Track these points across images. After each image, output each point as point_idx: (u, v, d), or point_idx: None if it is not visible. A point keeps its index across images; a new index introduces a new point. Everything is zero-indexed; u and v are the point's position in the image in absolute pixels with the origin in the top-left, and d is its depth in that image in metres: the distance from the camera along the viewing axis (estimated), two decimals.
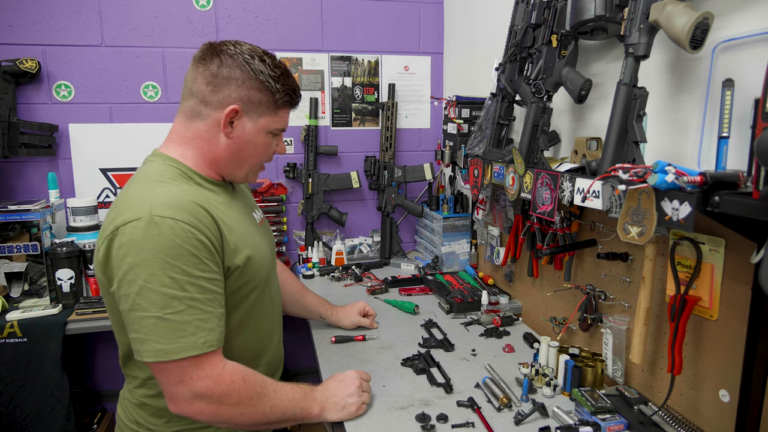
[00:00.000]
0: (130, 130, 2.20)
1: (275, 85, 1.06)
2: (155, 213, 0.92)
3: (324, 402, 1.11)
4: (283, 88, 1.08)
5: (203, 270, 0.95)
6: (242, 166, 1.12)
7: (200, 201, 1.00)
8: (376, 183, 2.45)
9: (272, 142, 1.13)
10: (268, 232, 1.29)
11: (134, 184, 1.03)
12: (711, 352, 1.02)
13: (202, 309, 0.95)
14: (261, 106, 1.07)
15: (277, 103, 1.08)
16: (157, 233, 0.91)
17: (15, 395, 1.74)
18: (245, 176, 1.15)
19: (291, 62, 2.34)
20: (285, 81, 1.08)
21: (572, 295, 1.47)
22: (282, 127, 1.13)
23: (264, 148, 1.12)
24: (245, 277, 1.07)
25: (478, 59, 2.10)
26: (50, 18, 2.06)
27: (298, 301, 1.58)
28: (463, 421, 1.12)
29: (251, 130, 1.08)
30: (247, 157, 1.11)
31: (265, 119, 1.08)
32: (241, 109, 1.05)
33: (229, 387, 0.97)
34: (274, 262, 1.28)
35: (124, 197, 0.99)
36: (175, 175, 1.05)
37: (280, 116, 1.11)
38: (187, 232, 0.93)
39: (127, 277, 0.91)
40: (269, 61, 1.07)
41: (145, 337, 0.92)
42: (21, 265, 1.89)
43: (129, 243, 0.91)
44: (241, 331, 1.11)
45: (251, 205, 1.29)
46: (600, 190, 0.99)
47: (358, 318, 1.62)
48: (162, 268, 0.91)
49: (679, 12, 0.92)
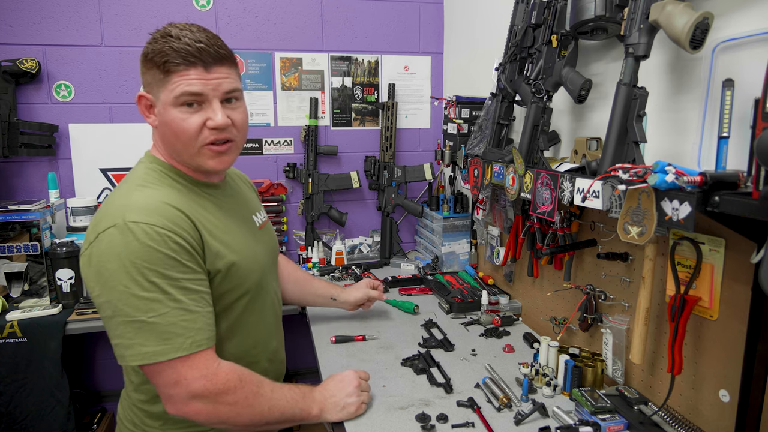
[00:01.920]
0: (130, 130, 2.20)
1: (154, 57, 0.96)
2: (129, 219, 0.92)
3: (323, 402, 1.11)
4: (158, 51, 0.95)
5: (184, 271, 0.95)
6: (177, 151, 1.03)
7: (179, 205, 0.99)
8: (376, 183, 2.45)
9: (188, 116, 0.98)
10: (267, 236, 1.26)
11: (119, 188, 1.03)
12: (711, 352, 1.02)
13: (188, 309, 0.94)
14: (155, 83, 0.98)
15: (163, 70, 0.96)
16: (133, 239, 0.90)
17: (15, 395, 1.73)
18: (193, 162, 1.03)
19: (291, 62, 2.34)
20: (159, 44, 0.96)
21: (572, 295, 1.47)
22: (183, 92, 0.96)
23: (179, 125, 0.98)
24: (230, 283, 1.05)
25: (478, 59, 2.10)
26: (50, 18, 2.06)
27: (305, 288, 1.58)
28: (463, 421, 1.12)
29: (161, 111, 1.00)
30: (173, 141, 1.01)
31: (163, 93, 0.98)
32: (149, 94, 1.01)
33: (224, 386, 0.96)
34: (271, 268, 1.24)
35: (107, 202, 0.99)
36: (158, 177, 1.04)
37: (174, 82, 0.96)
38: (163, 236, 0.92)
39: (108, 284, 0.91)
40: (155, 35, 0.99)
41: (131, 342, 0.91)
42: (21, 265, 1.89)
43: (107, 250, 0.91)
44: (231, 337, 1.09)
45: (251, 208, 1.25)
46: (600, 190, 0.99)
47: (366, 290, 1.64)
48: (141, 273, 0.90)
49: (679, 12, 0.92)
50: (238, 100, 1.05)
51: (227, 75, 1.01)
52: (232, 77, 1.02)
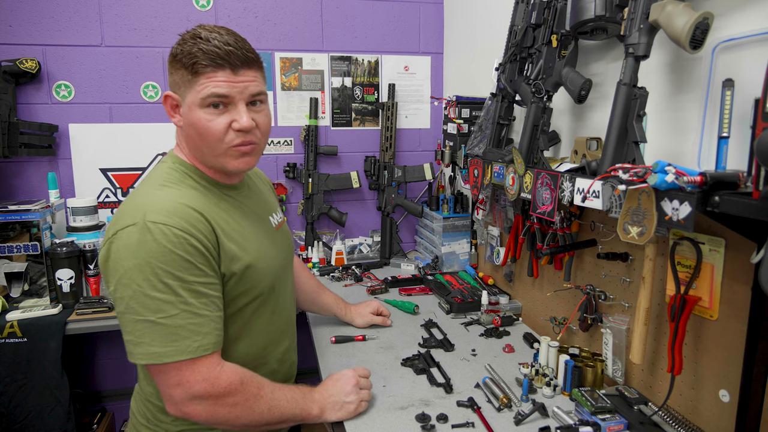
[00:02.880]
0: (130, 130, 2.20)
1: (182, 58, 0.98)
2: (148, 219, 0.93)
3: (322, 402, 1.11)
4: (188, 53, 0.97)
5: (197, 275, 0.96)
6: (203, 153, 1.04)
7: (198, 206, 0.99)
8: (376, 183, 2.45)
9: (214, 117, 1.00)
10: (284, 237, 1.26)
11: (141, 186, 1.05)
12: (711, 352, 1.02)
13: (197, 313, 0.95)
14: (183, 84, 1.00)
15: (191, 72, 0.98)
16: (151, 239, 0.91)
17: (15, 395, 1.73)
18: (218, 163, 1.05)
19: (291, 62, 2.34)
20: (189, 45, 0.98)
21: (572, 295, 1.47)
22: (211, 94, 0.98)
23: (204, 126, 1.00)
24: (244, 285, 1.06)
25: (478, 59, 2.10)
26: (50, 18, 2.06)
27: (314, 299, 1.59)
28: (463, 421, 1.12)
29: (187, 112, 1.01)
30: (198, 142, 1.02)
31: (190, 94, 0.99)
32: (176, 94, 1.02)
33: (225, 389, 0.97)
34: (288, 269, 1.25)
35: (128, 200, 1.01)
36: (180, 177, 1.05)
37: (202, 83, 0.98)
38: (180, 238, 0.93)
39: (122, 281, 0.92)
40: (187, 34, 1.00)
41: (139, 340, 0.92)
42: (21, 265, 1.89)
43: (125, 247, 0.92)
44: (241, 339, 1.10)
45: (269, 209, 1.25)
46: (600, 190, 0.99)
47: (370, 317, 1.62)
48: (155, 273, 0.91)
49: (679, 12, 0.92)
50: (262, 103, 1.06)
51: (254, 78, 1.02)
52: (258, 80, 1.04)
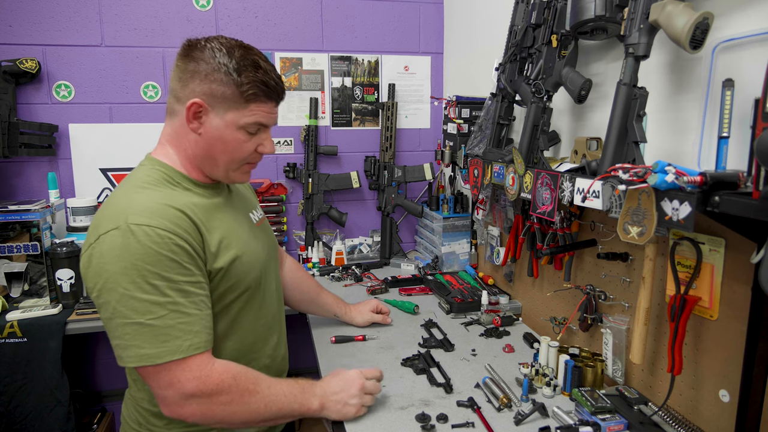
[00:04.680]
0: (130, 130, 2.20)
1: (238, 77, 1.00)
2: (131, 221, 0.92)
3: (324, 398, 1.11)
4: (248, 80, 1.00)
5: (184, 274, 0.95)
6: (216, 164, 1.07)
7: (180, 206, 0.99)
8: (376, 183, 2.45)
9: (248, 140, 1.05)
10: (265, 233, 1.27)
11: (119, 190, 1.03)
12: (711, 352, 1.02)
13: (186, 312, 0.94)
14: (226, 100, 1.01)
15: (244, 96, 1.01)
16: (135, 241, 0.91)
17: (15, 395, 1.73)
18: (225, 175, 1.09)
19: (291, 62, 2.34)
20: (251, 73, 1.01)
21: (572, 295, 1.47)
22: (257, 122, 1.04)
23: (236, 145, 1.04)
24: (231, 280, 1.06)
25: (478, 59, 2.10)
26: (50, 18, 2.06)
27: (314, 299, 1.58)
28: (463, 421, 1.12)
29: (218, 126, 1.02)
30: (218, 155, 1.05)
31: (233, 114, 1.02)
32: (206, 104, 1.01)
33: (218, 386, 0.97)
34: (272, 264, 1.25)
35: (106, 204, 1.00)
36: (159, 179, 1.04)
37: (252, 111, 1.03)
38: (164, 238, 0.93)
39: (107, 286, 0.91)
40: (238, 53, 1.01)
41: (128, 343, 0.92)
42: (21, 265, 1.89)
43: (109, 251, 0.91)
44: (230, 336, 1.09)
45: (249, 206, 1.26)
46: (600, 190, 0.99)
47: (371, 315, 1.63)
48: (141, 275, 0.91)
49: (679, 12, 0.92)
50: None
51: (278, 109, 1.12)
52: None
